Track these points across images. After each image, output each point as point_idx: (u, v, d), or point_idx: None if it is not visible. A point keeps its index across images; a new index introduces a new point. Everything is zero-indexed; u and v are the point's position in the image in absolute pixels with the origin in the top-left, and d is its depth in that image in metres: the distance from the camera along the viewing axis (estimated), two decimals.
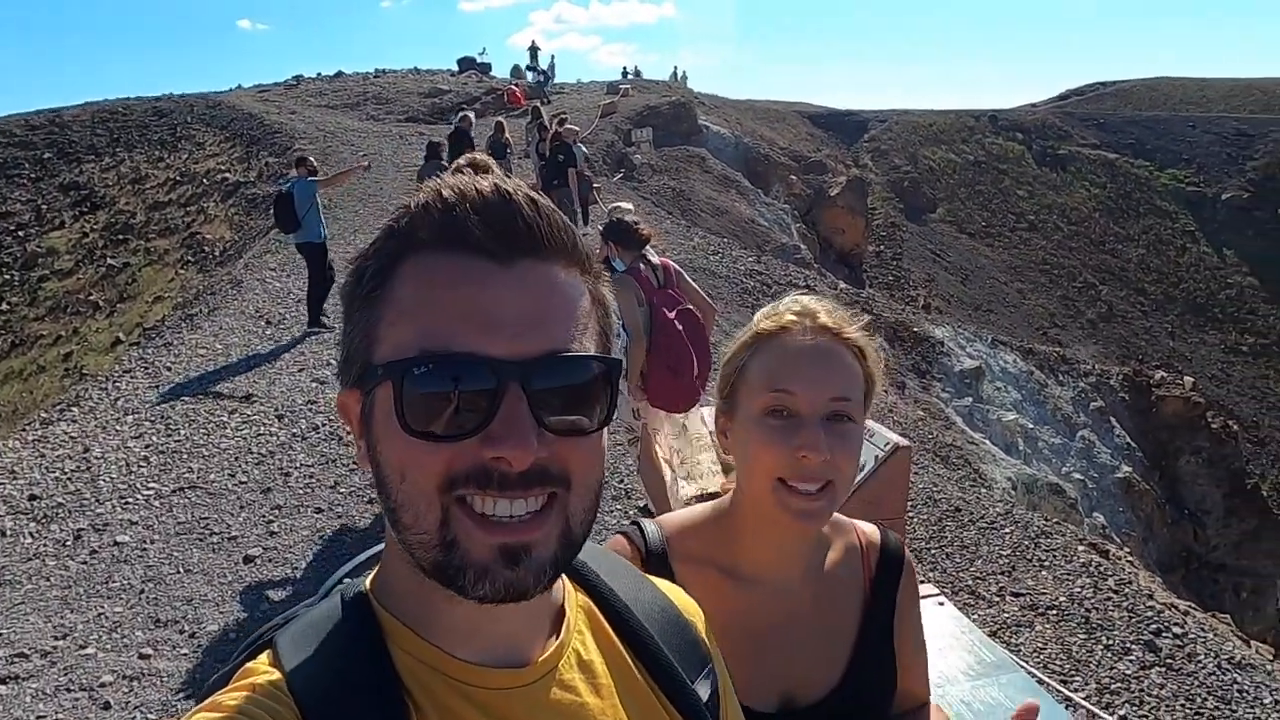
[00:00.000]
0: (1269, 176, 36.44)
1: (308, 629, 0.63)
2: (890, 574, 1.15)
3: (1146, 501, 14.09)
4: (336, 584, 0.71)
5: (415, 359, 0.57)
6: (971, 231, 32.15)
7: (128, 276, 15.87)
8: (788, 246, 19.16)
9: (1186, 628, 3.99)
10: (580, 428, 0.60)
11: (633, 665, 0.72)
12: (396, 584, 0.64)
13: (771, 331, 1.07)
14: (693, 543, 1.12)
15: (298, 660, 0.60)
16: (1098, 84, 47.46)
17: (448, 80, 28.68)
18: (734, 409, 1.09)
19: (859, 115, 37.40)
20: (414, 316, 0.58)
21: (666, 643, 0.75)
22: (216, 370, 7.68)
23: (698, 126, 24.57)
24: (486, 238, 0.58)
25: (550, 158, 11.26)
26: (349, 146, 18.79)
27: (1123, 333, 29.83)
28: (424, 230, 0.59)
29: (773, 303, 1.14)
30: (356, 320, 0.62)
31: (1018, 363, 14.93)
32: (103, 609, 4.24)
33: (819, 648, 1.10)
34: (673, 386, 3.90)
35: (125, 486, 5.58)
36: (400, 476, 0.58)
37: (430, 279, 0.58)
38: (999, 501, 5.71)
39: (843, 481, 1.02)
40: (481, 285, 0.58)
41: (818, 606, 1.11)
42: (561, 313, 0.60)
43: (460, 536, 0.57)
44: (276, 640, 0.63)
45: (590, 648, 0.70)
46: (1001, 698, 2.15)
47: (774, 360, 1.05)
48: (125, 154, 21.03)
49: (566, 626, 0.69)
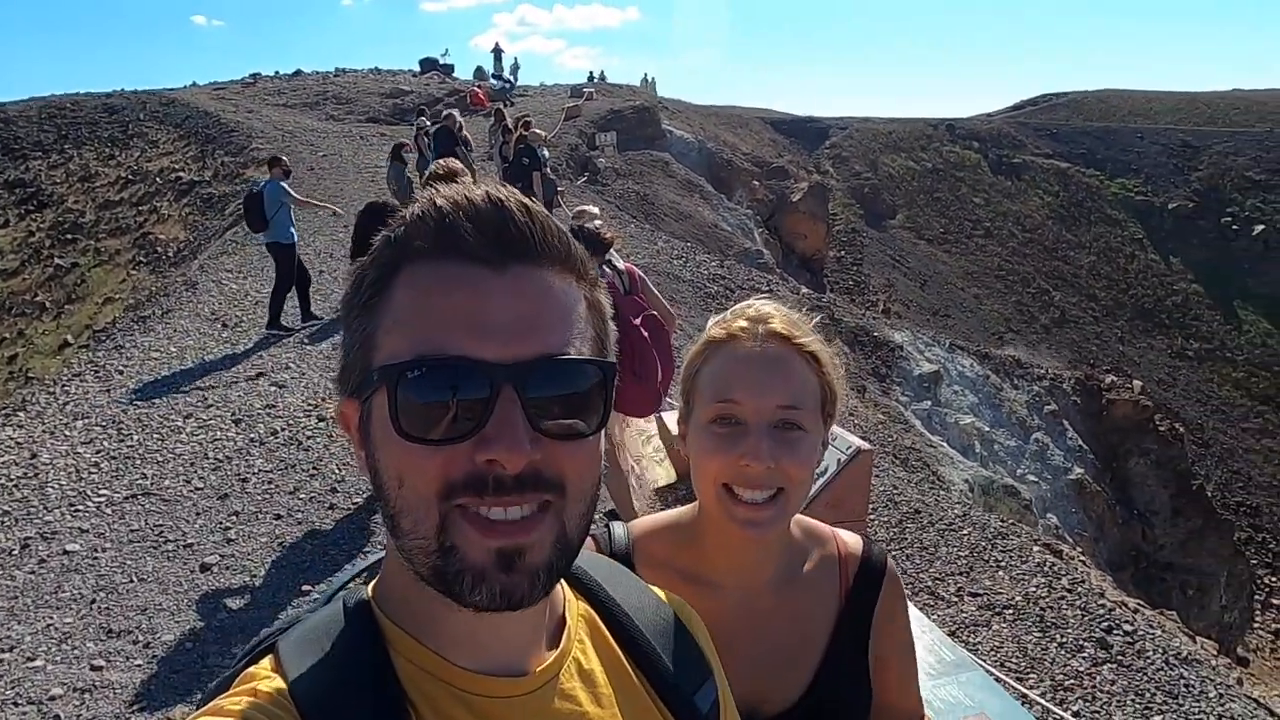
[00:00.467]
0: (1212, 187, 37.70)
1: (310, 635, 0.63)
2: (869, 586, 1.13)
3: (1098, 502, 14.46)
4: (339, 590, 0.71)
5: (408, 363, 0.57)
6: (929, 238, 32.73)
7: (76, 277, 15.44)
8: (751, 251, 19.32)
9: (1136, 625, 4.11)
10: (575, 431, 0.60)
11: (633, 675, 0.73)
12: (397, 591, 0.64)
13: (722, 339, 1.06)
14: (657, 547, 1.12)
15: (300, 667, 0.60)
16: (1051, 95, 48.61)
17: (409, 81, 28.39)
18: (689, 415, 1.08)
19: (820, 122, 37.85)
20: (409, 323, 0.59)
21: (667, 652, 0.75)
22: (171, 374, 7.51)
23: (662, 131, 24.66)
24: (480, 244, 0.59)
25: (514, 161, 11.22)
26: (308, 147, 18.50)
27: (1074, 337, 30.59)
28: (419, 239, 0.60)
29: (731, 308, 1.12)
30: (355, 329, 0.62)
31: (974, 367, 15.23)
32: (52, 620, 4.11)
33: (785, 657, 1.09)
34: (638, 392, 3.93)
35: (75, 493, 5.43)
36: (398, 483, 0.58)
37: (425, 286, 0.59)
38: (957, 503, 5.83)
39: (794, 489, 1.01)
40: (475, 291, 0.58)
41: (786, 615, 1.09)
42: (555, 317, 0.60)
43: (458, 541, 0.57)
44: (279, 646, 0.63)
45: (591, 657, 0.70)
46: (961, 696, 2.20)
47: (722, 368, 1.03)
48: (74, 151, 20.46)
49: (567, 635, 0.69)
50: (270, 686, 0.59)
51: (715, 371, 1.04)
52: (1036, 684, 3.65)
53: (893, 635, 1.15)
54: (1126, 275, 34.39)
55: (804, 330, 1.06)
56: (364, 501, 5.25)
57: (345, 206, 12.46)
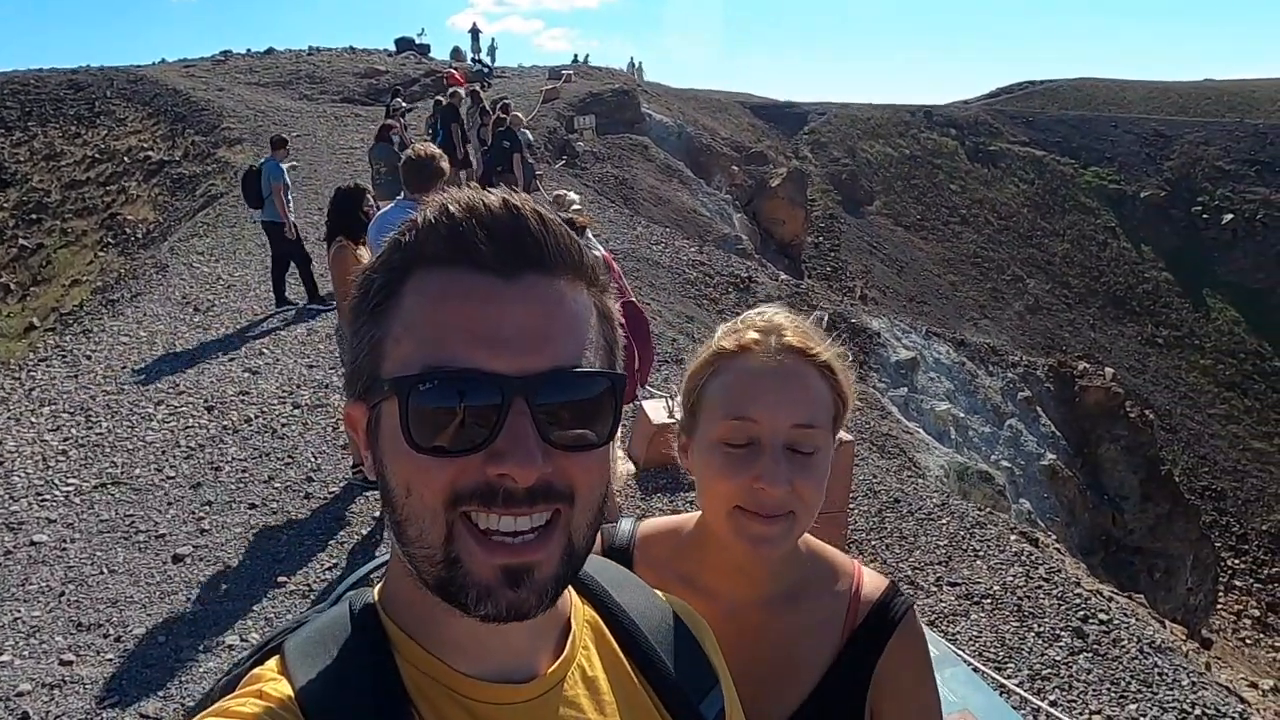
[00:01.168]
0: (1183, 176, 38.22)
1: (316, 637, 0.63)
2: (879, 632, 1.04)
3: (1070, 488, 14.69)
4: (346, 591, 0.70)
5: (420, 375, 0.57)
6: (907, 224, 32.90)
7: (42, 258, 15.10)
8: (729, 237, 19.29)
9: (1111, 614, 4.16)
10: (586, 443, 0.60)
11: (637, 682, 0.72)
12: (402, 596, 0.64)
13: (733, 351, 1.00)
14: (659, 549, 1.11)
15: (305, 670, 0.60)
16: (1027, 83, 48.93)
17: (385, 60, 27.94)
18: (693, 430, 1.03)
19: (799, 107, 37.83)
20: (419, 332, 0.58)
21: (674, 659, 0.75)
22: (141, 359, 7.36)
23: (641, 115, 24.51)
24: (492, 253, 0.58)
25: (495, 143, 11.09)
26: (281, 127, 18.14)
27: (1048, 324, 30.96)
28: (430, 245, 0.59)
29: (737, 316, 1.07)
30: (363, 334, 0.62)
31: (950, 354, 15.36)
32: (19, 613, 4.02)
33: (772, 680, 1.04)
34: None
35: (42, 482, 5.31)
36: (405, 492, 0.58)
37: (435, 294, 0.59)
38: (935, 492, 5.87)
39: (805, 511, 0.97)
40: (486, 301, 0.58)
41: (778, 636, 1.04)
42: (567, 328, 0.60)
43: (463, 555, 0.57)
44: (285, 647, 0.63)
45: (595, 664, 0.70)
46: (945, 692, 2.19)
47: (734, 383, 0.98)
48: (38, 129, 19.94)
49: (572, 641, 0.69)
50: (276, 689, 0.59)
51: (726, 386, 0.99)
52: (1014, 674, 3.68)
53: (898, 696, 1.04)
54: (1099, 263, 34.83)
55: (818, 341, 1.01)
56: (340, 490, 5.19)
57: (320, 188, 12.27)
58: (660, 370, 6.99)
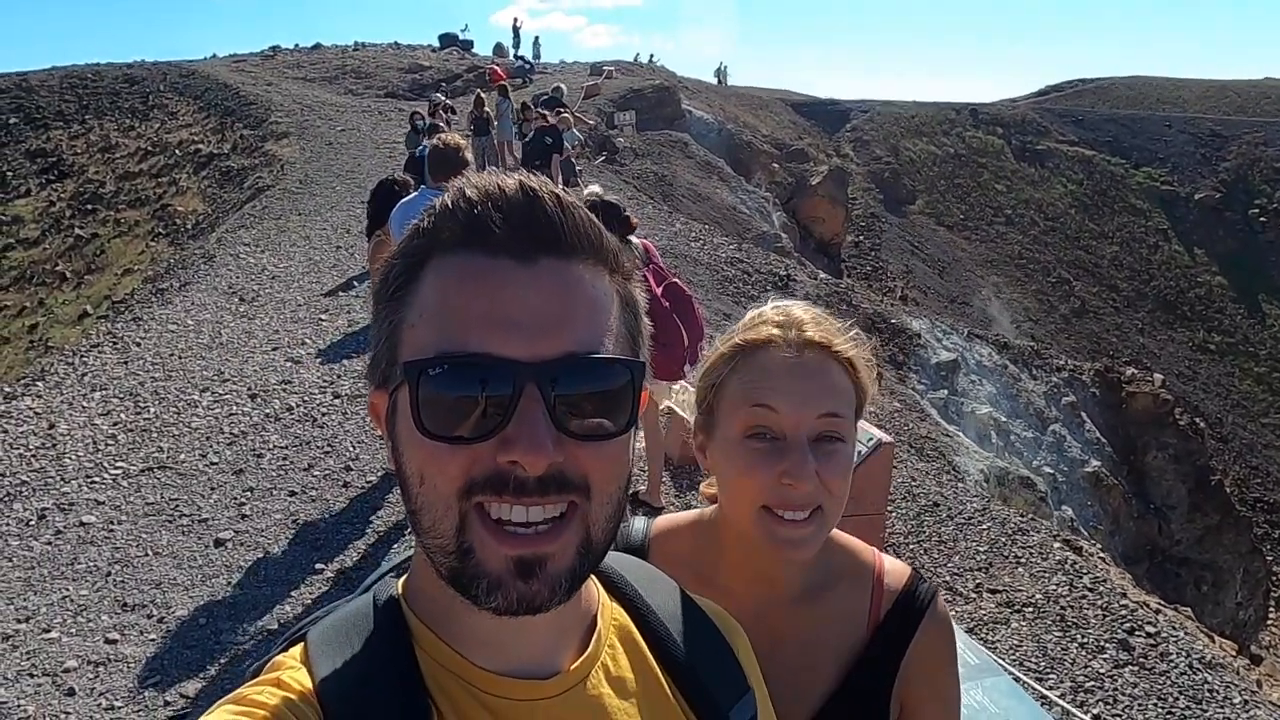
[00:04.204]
0: (1239, 178, 37.07)
1: (338, 628, 0.63)
2: (905, 622, 1.04)
3: (1114, 495, 14.33)
4: (374, 582, 0.70)
5: (430, 360, 0.56)
6: (949, 224, 32.38)
7: (96, 247, 15.52)
8: (768, 235, 19.16)
9: (1159, 627, 4.04)
10: (602, 432, 0.58)
11: (665, 685, 0.70)
12: (423, 588, 0.64)
13: (753, 344, 0.98)
14: (675, 545, 1.09)
15: (326, 659, 0.60)
16: (1078, 80, 47.85)
17: (428, 56, 28.27)
18: (712, 427, 1.01)
19: (841, 104, 37.43)
20: (433, 318, 0.58)
21: (704, 664, 0.73)
22: (187, 347, 7.52)
23: (681, 111, 24.46)
24: (508, 236, 0.58)
25: (535, 139, 11.14)
26: (327, 121, 18.46)
27: (1094, 328, 30.26)
28: (448, 231, 0.59)
29: (753, 309, 1.05)
30: (382, 321, 0.62)
31: (992, 356, 15.08)
32: (67, 591, 4.13)
33: (794, 677, 1.02)
34: (659, 357, 4.02)
35: (92, 465, 5.45)
36: (420, 480, 0.58)
37: (451, 279, 0.58)
38: (976, 497, 5.75)
39: (833, 505, 0.96)
40: (501, 285, 0.57)
41: (802, 633, 1.03)
42: (584, 313, 0.59)
43: (475, 544, 0.56)
44: (308, 636, 0.63)
45: (621, 664, 0.68)
46: (986, 701, 2.15)
47: (755, 376, 0.96)
48: (95, 121, 20.51)
49: (597, 639, 0.68)
50: (294, 678, 0.59)
51: (747, 381, 0.97)
52: (1056, 684, 3.59)
53: (929, 685, 1.04)
54: (1149, 266, 33.94)
55: (838, 333, 1.00)
56: (378, 480, 5.24)
57: (363, 182, 12.43)
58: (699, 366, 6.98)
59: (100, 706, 3.38)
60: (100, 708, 3.38)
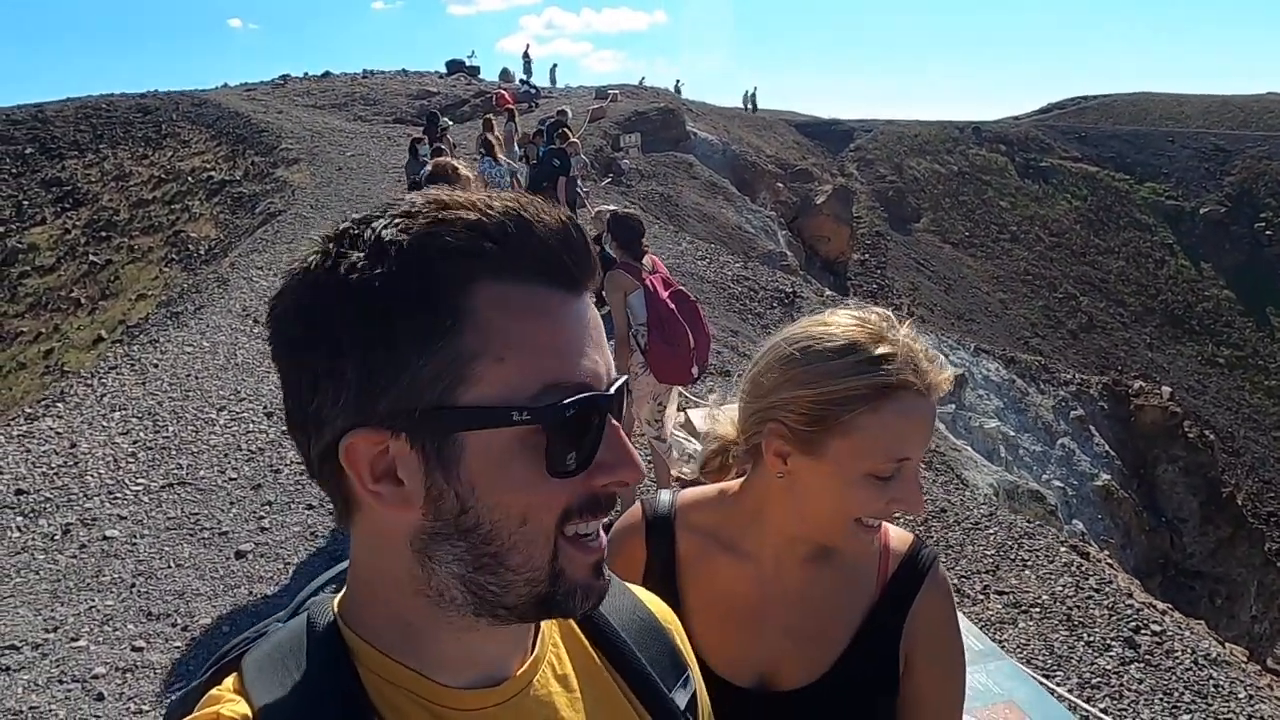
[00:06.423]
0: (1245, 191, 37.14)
1: (275, 653, 0.61)
2: (910, 582, 1.12)
3: (1125, 509, 14.29)
4: (304, 602, 0.68)
5: (561, 399, 0.55)
6: (954, 241, 32.50)
7: (110, 274, 15.75)
8: (774, 253, 19.30)
9: (1164, 625, 4.09)
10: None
11: (609, 676, 0.73)
12: (374, 609, 0.62)
13: (891, 387, 0.98)
14: (700, 515, 1.17)
15: (265, 688, 0.58)
16: (1080, 97, 48.14)
17: (436, 82, 28.67)
18: (821, 451, 1.01)
19: (845, 124, 37.76)
20: (519, 349, 0.55)
21: (644, 651, 0.75)
22: (204, 368, 7.65)
23: (686, 133, 24.72)
24: (565, 267, 0.58)
25: (544, 161, 11.33)
26: (336, 147, 18.75)
27: (1102, 343, 30.23)
28: (505, 254, 0.56)
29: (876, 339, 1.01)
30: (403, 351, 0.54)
31: (1000, 371, 15.11)
32: (93, 602, 4.23)
33: (809, 634, 1.10)
34: (667, 356, 4.17)
35: (113, 482, 5.56)
36: (521, 521, 0.57)
37: (526, 309, 0.56)
38: (983, 504, 5.81)
39: None
40: (567, 316, 0.58)
41: (817, 592, 1.11)
42: (605, 340, 0.63)
43: (566, 565, 0.59)
44: (243, 665, 0.61)
45: (565, 660, 0.70)
46: (990, 684, 2.22)
47: (897, 424, 0.98)
48: (109, 150, 20.87)
49: (541, 640, 0.69)
50: (234, 710, 0.57)
51: (888, 427, 0.99)
52: (1063, 681, 3.64)
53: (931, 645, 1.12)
54: (1156, 281, 33.96)
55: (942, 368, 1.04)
56: None
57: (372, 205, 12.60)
58: (705, 382, 7.06)
59: (129, 710, 3.47)
60: (129, 711, 3.46)
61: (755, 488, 1.12)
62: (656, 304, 4.18)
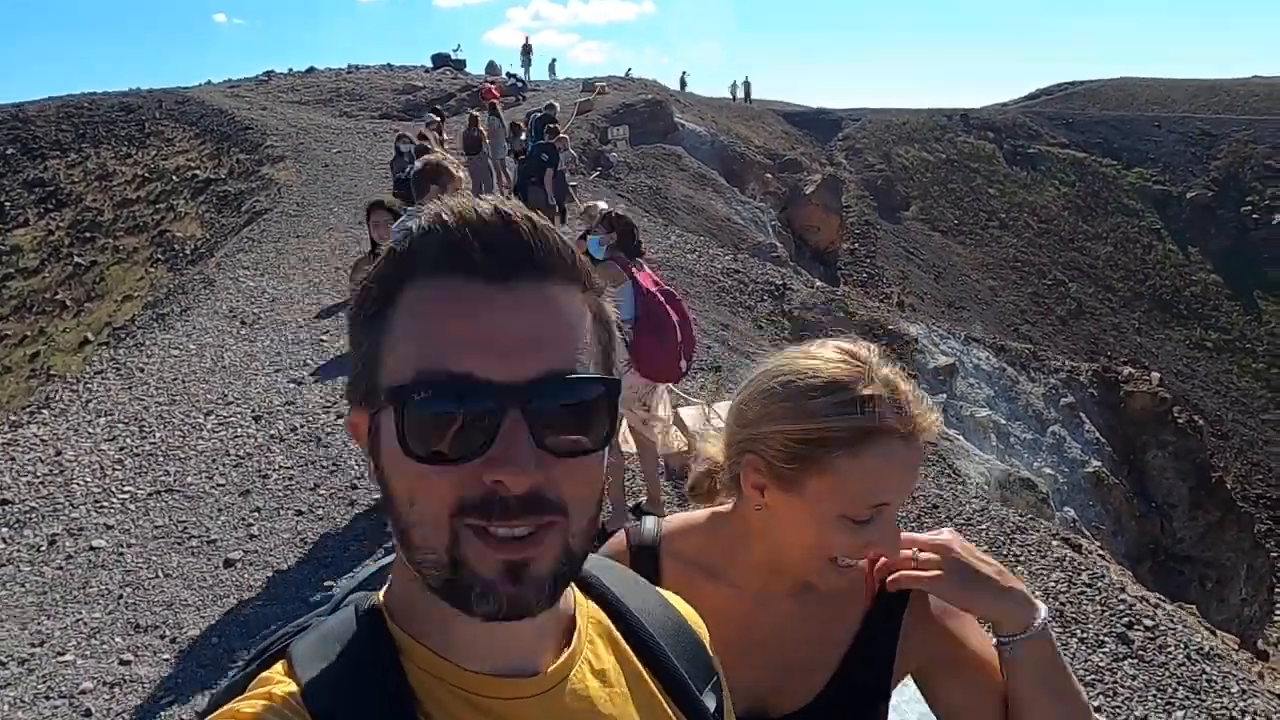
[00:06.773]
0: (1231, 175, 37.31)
1: (323, 641, 0.64)
2: (897, 601, 1.09)
3: (1115, 495, 14.37)
4: (348, 595, 0.71)
5: (414, 384, 0.57)
6: (944, 229, 32.56)
7: (95, 275, 15.61)
8: (764, 245, 19.27)
9: (1157, 620, 4.10)
10: (580, 449, 0.60)
11: (645, 675, 0.74)
12: (407, 599, 0.65)
13: (872, 431, 0.95)
14: (686, 543, 1.14)
15: (313, 673, 0.61)
16: (1067, 83, 48.21)
17: (421, 76, 28.49)
18: (798, 489, 0.99)
19: (833, 114, 37.74)
20: (412, 340, 0.59)
21: (676, 654, 0.76)
22: (191, 371, 7.58)
23: (674, 124, 24.65)
24: (484, 260, 0.59)
25: (533, 155, 11.28)
26: (322, 144, 18.61)
27: (1091, 329, 30.37)
28: (424, 254, 0.60)
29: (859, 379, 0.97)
30: (360, 342, 0.63)
31: (990, 359, 15.15)
32: (80, 615, 4.18)
33: (799, 661, 1.09)
34: (657, 352, 4.15)
35: (100, 490, 5.50)
36: (409, 501, 0.59)
37: (429, 303, 0.59)
38: (975, 498, 5.82)
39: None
40: (479, 308, 0.58)
41: (803, 621, 1.10)
42: (561, 333, 0.60)
43: (468, 555, 0.58)
44: (292, 651, 0.64)
45: (603, 657, 0.71)
46: None
47: (876, 469, 0.95)
48: (91, 150, 20.66)
49: (578, 636, 0.70)
50: (285, 691, 0.60)
51: (867, 471, 0.95)
52: None
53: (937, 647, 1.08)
54: (1144, 266, 34.12)
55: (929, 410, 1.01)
56: None
57: (359, 203, 12.53)
58: (695, 378, 7.03)
59: None
60: None
61: (741, 515, 1.10)
62: (645, 298, 4.14)
